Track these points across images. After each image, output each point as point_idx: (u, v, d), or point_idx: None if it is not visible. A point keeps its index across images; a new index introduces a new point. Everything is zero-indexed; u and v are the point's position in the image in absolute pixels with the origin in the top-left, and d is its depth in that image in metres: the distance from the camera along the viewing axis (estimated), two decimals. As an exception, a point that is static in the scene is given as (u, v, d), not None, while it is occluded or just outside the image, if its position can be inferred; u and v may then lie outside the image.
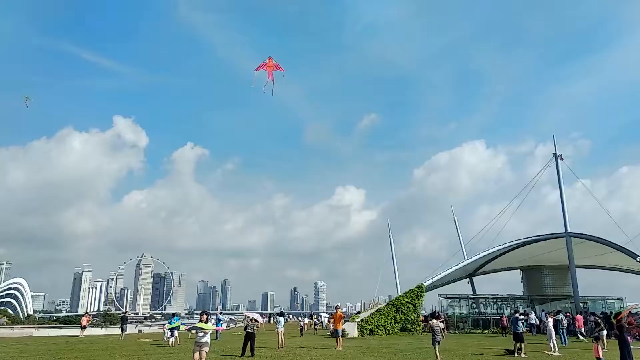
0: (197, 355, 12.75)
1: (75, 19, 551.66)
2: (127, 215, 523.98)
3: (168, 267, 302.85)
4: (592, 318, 35.97)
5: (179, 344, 25.44)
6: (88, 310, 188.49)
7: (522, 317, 22.17)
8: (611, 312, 39.66)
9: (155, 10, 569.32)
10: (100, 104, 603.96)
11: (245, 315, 19.97)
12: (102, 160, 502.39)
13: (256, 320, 19.74)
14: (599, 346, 14.79)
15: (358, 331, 33.84)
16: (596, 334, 18.24)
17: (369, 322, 35.01)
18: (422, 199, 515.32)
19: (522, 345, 20.26)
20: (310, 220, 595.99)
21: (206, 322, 13.47)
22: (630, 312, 40.04)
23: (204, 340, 12.92)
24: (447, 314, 42.88)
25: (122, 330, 33.20)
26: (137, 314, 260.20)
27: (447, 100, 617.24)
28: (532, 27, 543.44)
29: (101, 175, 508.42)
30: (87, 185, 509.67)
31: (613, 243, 37.81)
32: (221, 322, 34.92)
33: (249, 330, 19.23)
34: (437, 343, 17.56)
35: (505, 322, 35.89)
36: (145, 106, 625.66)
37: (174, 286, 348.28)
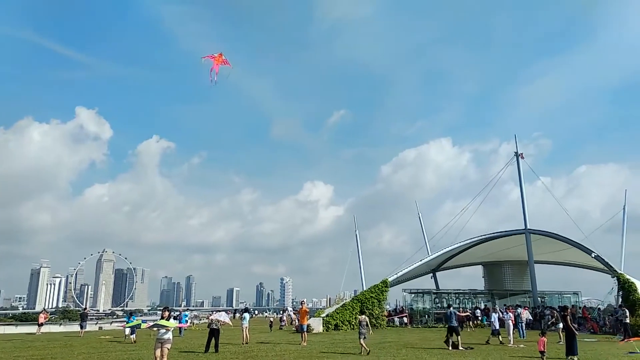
0: (158, 352, 12.51)
1: (37, 8, 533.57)
2: (89, 209, 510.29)
3: (130, 263, 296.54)
4: (547, 312, 37.33)
5: (134, 342, 25.01)
6: (46, 307, 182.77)
7: (459, 310, 22.88)
8: (568, 306, 41.18)
9: (120, 1, 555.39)
10: (62, 94, 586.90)
11: (211, 319, 19.67)
12: (63, 152, 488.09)
13: (218, 321, 19.48)
14: (545, 339, 15.24)
15: (323, 326, 33.98)
16: (553, 329, 18.88)
17: (334, 317, 35.19)
18: (389, 195, 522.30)
19: (459, 338, 20.58)
20: (277, 216, 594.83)
21: (168, 318, 13.23)
22: (585, 306, 41.73)
23: (165, 337, 12.68)
24: (411, 308, 43.62)
25: (81, 328, 32.30)
26: (98, 310, 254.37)
27: (415, 99, 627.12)
28: (499, 28, 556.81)
29: (62, 167, 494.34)
30: (46, 177, 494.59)
31: (570, 239, 39.09)
32: (185, 318, 34.47)
33: (213, 327, 19.04)
34: (363, 336, 18.36)
35: (462, 317, 36.72)
36: (109, 98, 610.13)
37: (136, 282, 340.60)
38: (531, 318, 33.90)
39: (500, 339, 22.66)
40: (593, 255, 36.94)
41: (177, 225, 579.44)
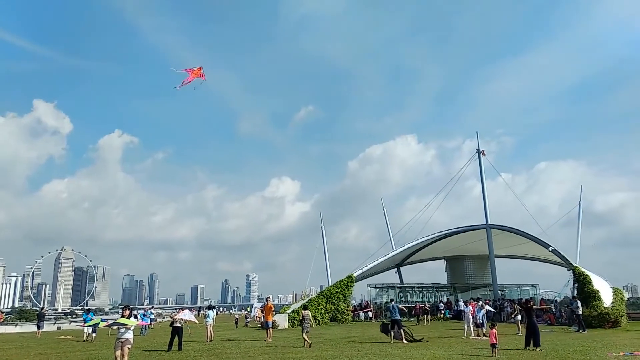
0: (118, 352, 12.20)
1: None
2: (46, 206, 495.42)
3: (91, 261, 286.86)
4: (506, 304, 38.43)
5: (90, 340, 24.61)
6: (1, 307, 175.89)
7: (397, 304, 23.21)
8: (530, 298, 42.48)
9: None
10: (18, 87, 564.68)
11: (175, 318, 19.30)
12: (19, 147, 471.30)
13: (183, 320, 19.17)
14: (495, 331, 15.61)
15: (289, 322, 33.95)
16: (511, 320, 19.40)
17: (300, 313, 35.17)
18: (355, 190, 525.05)
19: (401, 331, 20.82)
20: (243, 212, 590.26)
21: (128, 317, 12.93)
22: (542, 298, 43.16)
23: (125, 336, 12.38)
24: (375, 303, 44.10)
25: (38, 328, 31.32)
26: (56, 310, 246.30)
27: (381, 95, 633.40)
28: (462, 26, 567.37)
29: (18, 162, 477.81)
30: (1, 173, 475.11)
31: (528, 234, 40.28)
32: (146, 316, 33.84)
33: (176, 325, 18.73)
34: (306, 330, 19.13)
35: (419, 310, 37.28)
36: (69, 91, 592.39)
37: (97, 280, 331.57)
38: (493, 310, 34.78)
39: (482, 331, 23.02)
40: (550, 249, 38.13)
41: (140, 222, 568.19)
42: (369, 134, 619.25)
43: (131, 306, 16.45)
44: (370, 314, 41.42)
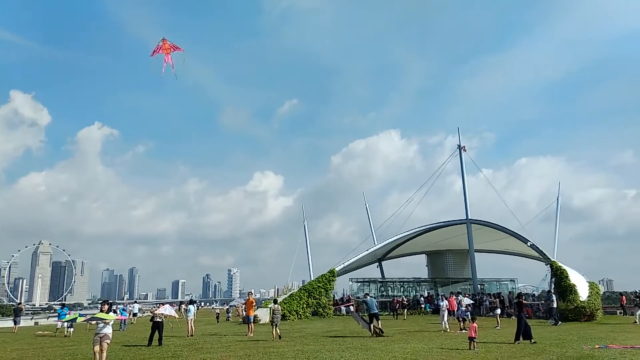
0: (97, 347, 12.06)
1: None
2: (23, 199, 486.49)
3: (69, 255, 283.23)
4: (485, 298, 38.98)
5: (66, 335, 24.32)
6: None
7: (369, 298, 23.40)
8: (509, 292, 43.12)
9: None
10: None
11: (155, 313, 19.12)
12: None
13: (163, 315, 19.01)
14: (476, 325, 15.81)
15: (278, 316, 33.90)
16: (491, 314, 19.62)
17: (282, 308, 35.16)
18: (338, 185, 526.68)
19: (379, 323, 21.07)
20: (225, 206, 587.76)
21: (107, 312, 12.77)
22: (521, 292, 43.83)
23: (104, 331, 12.24)
24: (357, 297, 44.29)
25: (15, 323, 30.75)
26: (34, 305, 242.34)
27: (365, 90, 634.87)
28: (445, 23, 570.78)
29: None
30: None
31: (507, 229, 40.80)
32: (126, 311, 33.57)
33: (157, 319, 18.57)
34: (275, 324, 19.66)
35: (396, 305, 37.50)
36: (48, 83, 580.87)
37: (75, 275, 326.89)
38: (472, 302, 35.17)
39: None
40: (529, 244, 38.70)
41: (120, 216, 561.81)
42: (353, 129, 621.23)
43: (110, 301, 16.27)
44: (351, 308, 41.55)
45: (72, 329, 25.38)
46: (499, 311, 27.26)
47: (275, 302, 22.40)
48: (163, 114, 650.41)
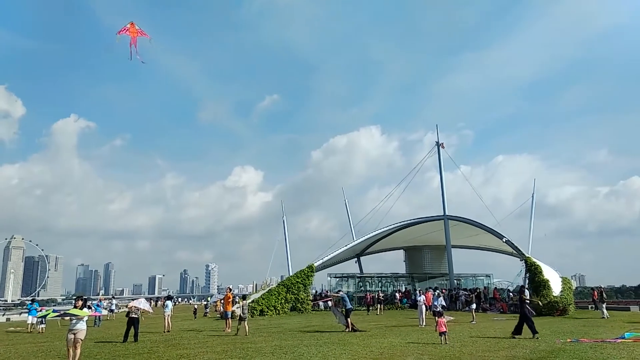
0: (71, 343, 11.83)
1: None
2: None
3: (42, 250, 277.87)
4: (461, 293, 39.53)
5: (39, 332, 24.00)
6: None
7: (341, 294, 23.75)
8: (484, 287, 43.75)
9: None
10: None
11: (130, 306, 18.90)
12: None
13: (138, 309, 18.78)
14: (444, 320, 16.01)
15: (248, 312, 33.79)
16: (466, 309, 19.87)
17: (260, 303, 35.15)
18: (318, 181, 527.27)
19: (348, 321, 21.13)
20: (204, 201, 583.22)
21: (82, 308, 12.54)
22: (496, 287, 44.58)
23: (77, 327, 12.01)
24: (334, 292, 44.46)
25: (-15, 320, 30.09)
26: (6, 301, 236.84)
27: (346, 86, 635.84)
28: (425, 20, 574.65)
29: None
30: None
31: (483, 225, 41.43)
32: (100, 307, 33.14)
33: (132, 315, 18.33)
34: (243, 320, 19.98)
35: (369, 300, 37.62)
36: (22, 74, 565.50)
37: (49, 270, 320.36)
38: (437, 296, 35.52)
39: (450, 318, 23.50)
40: (504, 240, 39.37)
41: (95, 210, 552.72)
42: (334, 125, 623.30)
43: (85, 297, 15.97)
44: (330, 303, 41.69)
45: (43, 325, 24.92)
46: (474, 306, 27.66)
47: (244, 297, 22.50)
48: (141, 107, 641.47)
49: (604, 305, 28.62)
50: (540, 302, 30.01)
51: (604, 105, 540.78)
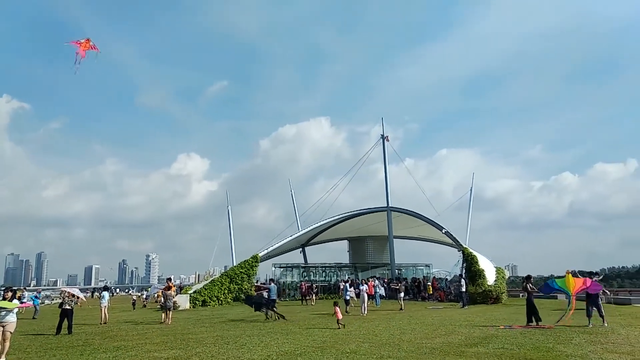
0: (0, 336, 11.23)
1: None
2: None
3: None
4: (395, 282, 40.61)
5: None
6: None
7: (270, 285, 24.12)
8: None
9: None
10: None
11: (62, 291, 18.15)
12: None
13: (73, 295, 18.08)
14: (345, 309, 16.94)
15: (190, 303, 33.34)
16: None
17: (202, 294, 34.69)
18: (266, 170, 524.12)
19: (274, 310, 21.58)
20: (145, 189, 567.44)
21: (11, 299, 11.89)
22: (435, 277, 46.11)
23: (6, 319, 11.41)
24: (279, 282, 44.49)
25: None
26: None
27: (296, 75, 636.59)
28: (370, 13, 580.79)
29: None
30: None
31: (424, 217, 42.62)
32: (38, 298, 31.62)
33: (66, 307, 17.59)
34: (168, 309, 20.64)
35: (304, 290, 37.89)
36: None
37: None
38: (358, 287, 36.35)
39: (347, 309, 24.38)
40: (443, 231, 40.68)
41: (27, 197, 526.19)
42: (283, 114, 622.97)
43: (15, 287, 15.14)
44: (265, 294, 41.50)
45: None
46: (402, 294, 28.63)
47: (168, 288, 22.27)
48: (80, 89, 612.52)
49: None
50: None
51: (540, 103, 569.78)
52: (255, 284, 34.11)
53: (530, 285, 18.54)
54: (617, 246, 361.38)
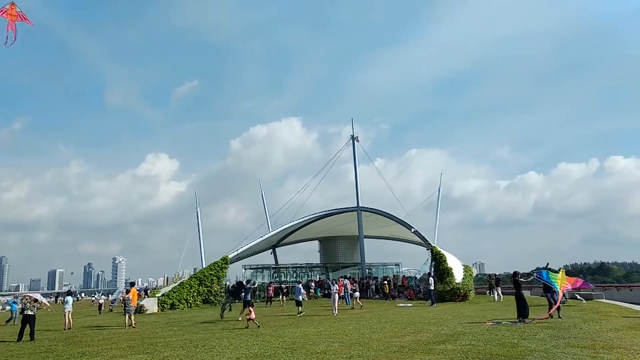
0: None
1: None
2: None
3: None
4: (372, 282, 40.97)
5: None
6: None
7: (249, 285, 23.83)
8: (394, 275, 45.50)
9: None
10: None
11: (24, 296, 17.57)
12: None
13: (35, 300, 17.52)
14: (252, 309, 17.50)
15: (158, 306, 32.76)
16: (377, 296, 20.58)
17: (171, 297, 34.13)
18: (236, 171, 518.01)
19: (249, 310, 21.54)
20: (112, 191, 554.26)
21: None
22: (404, 275, 46.67)
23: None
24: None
25: None
26: None
27: (267, 75, 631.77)
28: (340, 14, 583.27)
29: None
30: None
31: (394, 216, 43.12)
32: (16, 304, 30.81)
33: (28, 312, 17.02)
34: (128, 313, 20.41)
35: (271, 292, 37.50)
36: None
37: None
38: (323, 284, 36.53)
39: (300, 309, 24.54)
40: (412, 231, 41.25)
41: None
42: (254, 114, 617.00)
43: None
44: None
45: None
46: (357, 294, 29.00)
47: (127, 292, 22.01)
48: (43, 88, 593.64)
49: (499, 290, 31.25)
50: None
51: (507, 104, 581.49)
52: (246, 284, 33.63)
53: (519, 279, 18.37)
54: (579, 243, 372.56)
